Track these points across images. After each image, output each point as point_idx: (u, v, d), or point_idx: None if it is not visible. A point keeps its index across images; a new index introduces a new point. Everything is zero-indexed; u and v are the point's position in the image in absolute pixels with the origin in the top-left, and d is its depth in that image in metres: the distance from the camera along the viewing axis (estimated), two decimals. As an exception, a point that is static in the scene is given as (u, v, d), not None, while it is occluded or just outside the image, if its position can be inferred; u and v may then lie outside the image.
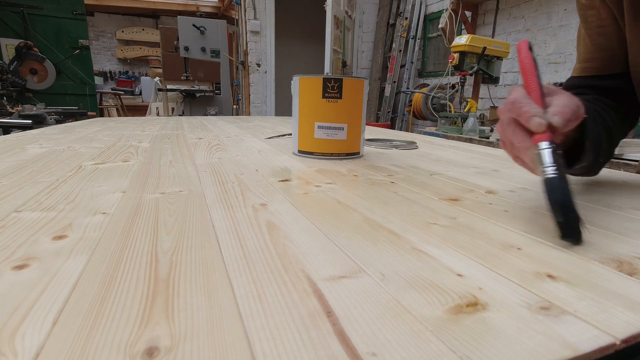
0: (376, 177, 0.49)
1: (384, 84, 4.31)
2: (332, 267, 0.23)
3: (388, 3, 4.30)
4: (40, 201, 0.35)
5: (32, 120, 2.31)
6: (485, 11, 3.35)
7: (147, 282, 0.20)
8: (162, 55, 3.93)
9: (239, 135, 0.96)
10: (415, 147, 0.81)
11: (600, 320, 0.18)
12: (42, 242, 0.26)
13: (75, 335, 0.16)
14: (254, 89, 4.24)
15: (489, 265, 0.24)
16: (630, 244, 0.28)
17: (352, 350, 0.15)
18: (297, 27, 5.47)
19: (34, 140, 0.77)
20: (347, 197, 0.39)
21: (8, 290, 0.19)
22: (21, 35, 3.74)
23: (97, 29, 6.39)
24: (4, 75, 2.84)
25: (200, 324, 0.17)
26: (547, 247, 0.27)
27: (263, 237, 0.27)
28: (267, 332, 0.16)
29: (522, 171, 0.56)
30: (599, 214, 0.35)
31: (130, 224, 0.29)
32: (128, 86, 6.55)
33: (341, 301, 0.19)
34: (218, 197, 0.38)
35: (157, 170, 0.50)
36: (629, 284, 0.22)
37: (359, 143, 0.64)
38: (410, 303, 0.19)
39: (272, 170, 0.52)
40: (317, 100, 0.59)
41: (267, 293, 0.20)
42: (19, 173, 0.46)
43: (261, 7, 4.08)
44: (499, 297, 0.20)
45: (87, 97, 4.16)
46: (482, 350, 0.15)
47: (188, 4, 6.06)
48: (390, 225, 0.31)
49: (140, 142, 0.77)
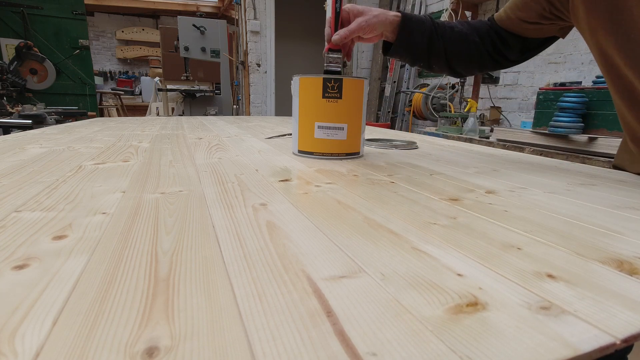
0: (376, 177, 0.49)
1: (384, 84, 4.31)
2: (332, 267, 0.23)
3: (388, 3, 4.30)
4: (40, 201, 0.35)
5: (32, 120, 2.31)
6: (485, 11, 3.35)
7: (147, 282, 0.20)
8: (162, 55, 3.93)
9: (239, 135, 0.96)
10: (415, 147, 0.81)
11: (600, 320, 0.18)
12: (42, 242, 0.26)
13: (75, 335, 0.16)
14: (254, 89, 4.24)
15: (489, 265, 0.24)
16: (630, 244, 0.28)
17: (352, 350, 0.15)
18: (297, 27, 5.47)
19: (34, 140, 0.77)
20: (347, 197, 0.39)
21: (8, 290, 0.19)
22: (21, 35, 3.74)
23: (97, 29, 6.39)
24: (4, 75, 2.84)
25: (200, 324, 0.17)
26: (547, 247, 0.27)
27: (263, 237, 0.27)
28: (267, 332, 0.16)
29: (522, 171, 0.56)
30: (599, 214, 0.35)
31: (130, 224, 0.29)
32: (128, 86, 6.55)
33: (341, 301, 0.19)
34: (218, 197, 0.38)
35: (157, 170, 0.50)
36: (629, 283, 0.22)
37: (359, 143, 0.64)
38: (410, 303, 0.19)
39: (272, 170, 0.52)
40: (317, 100, 0.59)
41: (267, 293, 0.20)
42: (19, 173, 0.46)
43: (261, 7, 4.08)
44: (499, 297, 0.20)
45: (87, 97, 4.15)
46: (482, 350, 0.15)
47: (188, 4, 6.06)
48: (390, 225, 0.31)
49: (140, 142, 0.77)
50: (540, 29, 0.62)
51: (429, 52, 0.65)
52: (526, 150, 1.73)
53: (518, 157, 0.72)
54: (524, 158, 0.71)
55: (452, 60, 0.66)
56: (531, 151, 1.72)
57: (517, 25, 0.63)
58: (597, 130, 1.59)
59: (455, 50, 0.66)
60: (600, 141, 1.52)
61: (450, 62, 0.67)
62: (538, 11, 0.60)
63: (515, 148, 1.78)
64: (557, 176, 0.53)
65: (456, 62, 0.67)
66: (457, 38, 0.66)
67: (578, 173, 0.56)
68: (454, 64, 0.67)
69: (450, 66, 0.67)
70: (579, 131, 1.61)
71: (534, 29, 0.62)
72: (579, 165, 0.64)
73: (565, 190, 0.44)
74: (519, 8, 0.62)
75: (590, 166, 0.64)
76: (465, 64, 0.67)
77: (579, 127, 1.60)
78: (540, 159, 0.70)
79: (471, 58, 0.67)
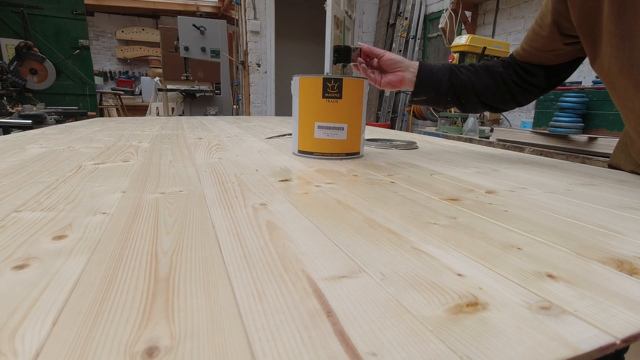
0: (376, 177, 0.49)
1: (384, 84, 4.31)
2: (332, 267, 0.23)
3: (388, 3, 4.30)
4: (40, 201, 0.35)
5: (32, 120, 2.31)
6: (485, 11, 3.35)
7: (147, 282, 0.20)
8: (162, 55, 3.93)
9: (239, 135, 0.96)
10: (415, 147, 0.81)
11: (600, 320, 0.18)
12: (42, 242, 0.26)
13: (75, 335, 0.16)
14: (254, 89, 4.24)
15: (489, 265, 0.24)
16: (630, 244, 0.28)
17: (352, 350, 0.15)
18: (297, 27, 5.47)
19: (34, 140, 0.77)
20: (347, 197, 0.39)
21: (8, 290, 0.19)
22: (21, 35, 3.74)
23: (97, 29, 6.39)
24: (4, 75, 2.84)
25: (200, 323, 0.17)
26: (547, 247, 0.27)
27: (263, 237, 0.27)
28: (267, 332, 0.16)
29: (522, 171, 0.56)
30: (599, 214, 0.35)
31: (130, 224, 0.29)
32: (128, 86, 6.54)
33: (341, 301, 0.19)
34: (218, 197, 0.38)
35: (157, 170, 0.50)
36: (629, 283, 0.22)
37: (359, 143, 0.64)
38: (410, 303, 0.19)
39: (272, 170, 0.52)
40: (317, 100, 0.59)
41: (267, 293, 0.20)
42: (19, 173, 0.46)
43: (261, 7, 4.08)
44: (499, 297, 0.20)
45: (87, 97, 4.15)
46: (482, 350, 0.15)
47: (188, 4, 6.06)
48: (390, 225, 0.31)
49: (140, 142, 0.77)
50: (559, 54, 0.62)
51: (452, 85, 0.65)
52: (526, 150, 1.73)
53: (518, 157, 0.72)
54: (524, 158, 0.71)
55: (481, 94, 0.66)
56: (531, 151, 1.72)
57: (535, 56, 0.64)
58: (597, 130, 1.59)
59: (481, 83, 0.66)
60: (600, 141, 1.53)
61: (480, 96, 0.66)
62: (551, 38, 0.60)
63: (515, 148, 1.78)
64: (557, 176, 0.53)
65: (486, 95, 0.66)
66: (480, 71, 0.66)
67: (578, 173, 0.56)
68: (485, 97, 0.66)
69: (481, 100, 0.67)
70: (579, 131, 1.61)
71: (553, 55, 0.63)
72: (579, 165, 0.64)
73: (565, 190, 0.44)
74: (532, 40, 0.63)
75: (590, 166, 0.64)
76: (494, 95, 0.67)
77: (579, 127, 1.60)
78: (540, 159, 0.70)
79: (499, 89, 0.66)
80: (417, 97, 0.67)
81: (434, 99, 0.66)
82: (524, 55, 0.65)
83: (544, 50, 0.62)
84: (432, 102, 0.67)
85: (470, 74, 0.66)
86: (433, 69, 0.65)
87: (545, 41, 0.61)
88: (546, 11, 0.60)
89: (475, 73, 0.66)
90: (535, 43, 0.63)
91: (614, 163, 0.67)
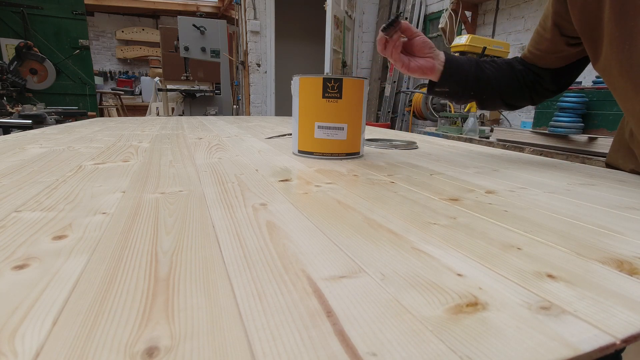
0: (376, 177, 0.49)
1: (384, 84, 4.31)
2: (332, 267, 0.23)
3: (388, 3, 4.30)
4: (40, 201, 0.35)
5: (32, 120, 2.31)
6: (485, 11, 3.35)
7: (147, 282, 0.20)
8: (162, 55, 3.93)
9: (239, 135, 0.96)
10: (415, 147, 0.81)
11: (600, 320, 0.18)
12: (42, 242, 0.26)
13: (75, 335, 0.16)
14: (254, 89, 4.24)
15: (489, 265, 0.24)
16: (630, 244, 0.28)
17: (352, 350, 0.15)
18: (297, 27, 5.47)
19: (34, 140, 0.77)
20: (347, 197, 0.39)
21: (8, 290, 0.19)
22: (21, 35, 3.74)
23: (97, 29, 6.39)
24: (4, 75, 2.84)
25: (200, 323, 0.17)
26: (547, 247, 0.27)
27: (263, 237, 0.27)
28: (267, 332, 0.16)
29: (522, 171, 0.56)
30: (599, 214, 0.35)
31: (130, 224, 0.29)
32: (128, 86, 6.55)
33: (341, 301, 0.19)
34: (218, 197, 0.38)
35: (157, 170, 0.50)
36: (629, 283, 0.22)
37: (359, 143, 0.64)
38: (410, 303, 0.19)
39: (272, 170, 0.52)
40: (317, 100, 0.59)
41: (267, 293, 0.20)
42: (19, 173, 0.46)
43: (261, 7, 4.08)
44: (499, 297, 0.20)
45: (87, 97, 4.16)
46: (482, 350, 0.15)
47: (188, 4, 6.06)
48: (390, 225, 0.31)
49: (140, 142, 0.77)
50: (564, 56, 0.63)
51: (477, 79, 0.63)
52: (526, 150, 1.73)
53: (518, 157, 0.72)
54: (524, 158, 0.71)
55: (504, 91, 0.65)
56: (531, 151, 1.72)
57: (541, 59, 0.65)
58: (597, 130, 1.59)
59: (505, 80, 0.65)
60: (600, 141, 1.52)
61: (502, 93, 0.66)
62: (553, 40, 0.61)
63: (515, 148, 1.78)
64: (557, 176, 0.53)
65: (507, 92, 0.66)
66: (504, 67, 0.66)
67: (578, 173, 0.56)
68: (506, 94, 0.66)
69: (502, 97, 0.66)
70: (579, 131, 1.61)
71: (557, 58, 0.63)
72: (579, 165, 0.64)
73: (565, 190, 0.44)
74: (538, 42, 0.64)
75: (590, 166, 0.64)
76: (514, 92, 0.66)
77: (578, 127, 1.60)
78: (540, 159, 0.70)
79: (520, 87, 0.66)
80: (440, 89, 0.63)
81: (457, 91, 0.64)
82: (531, 57, 0.66)
83: (550, 52, 0.63)
84: (453, 95, 0.64)
85: (494, 70, 0.65)
86: (460, 61, 0.62)
87: (549, 43, 0.62)
88: (547, 13, 0.60)
89: (499, 70, 0.65)
90: (540, 45, 0.64)
91: (611, 162, 0.67)
